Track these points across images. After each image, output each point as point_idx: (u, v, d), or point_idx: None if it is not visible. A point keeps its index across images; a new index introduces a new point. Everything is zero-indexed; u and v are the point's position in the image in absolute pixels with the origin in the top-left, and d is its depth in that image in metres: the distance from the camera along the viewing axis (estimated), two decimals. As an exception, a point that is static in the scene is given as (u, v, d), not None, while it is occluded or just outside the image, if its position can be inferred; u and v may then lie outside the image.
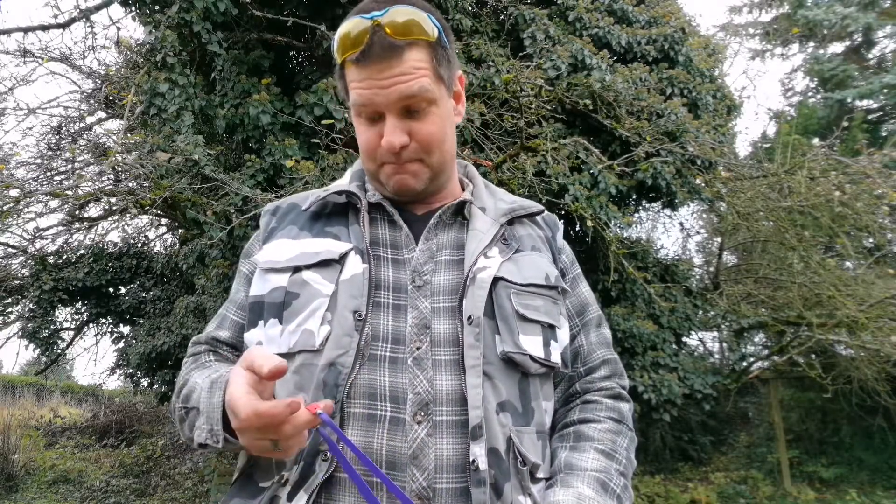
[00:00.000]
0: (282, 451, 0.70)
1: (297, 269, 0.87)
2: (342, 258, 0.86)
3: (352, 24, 0.84)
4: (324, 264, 0.86)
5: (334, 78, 0.95)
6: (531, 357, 0.84)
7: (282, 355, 0.81)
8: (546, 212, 1.04)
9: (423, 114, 0.87)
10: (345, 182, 0.97)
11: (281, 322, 0.85)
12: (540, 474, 0.85)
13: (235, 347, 0.96)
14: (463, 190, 1.01)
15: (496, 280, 0.86)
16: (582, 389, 0.98)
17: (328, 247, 0.88)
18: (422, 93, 0.84)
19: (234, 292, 1.00)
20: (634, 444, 0.95)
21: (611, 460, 0.88)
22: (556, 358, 0.89)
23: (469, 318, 0.82)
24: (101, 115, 7.22)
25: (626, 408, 0.98)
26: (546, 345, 0.87)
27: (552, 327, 0.89)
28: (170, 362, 7.08)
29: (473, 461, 0.76)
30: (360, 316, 0.82)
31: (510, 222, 0.96)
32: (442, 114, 0.89)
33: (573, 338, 0.99)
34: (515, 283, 0.88)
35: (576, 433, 0.92)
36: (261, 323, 0.88)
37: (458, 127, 0.99)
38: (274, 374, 0.67)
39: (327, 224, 0.93)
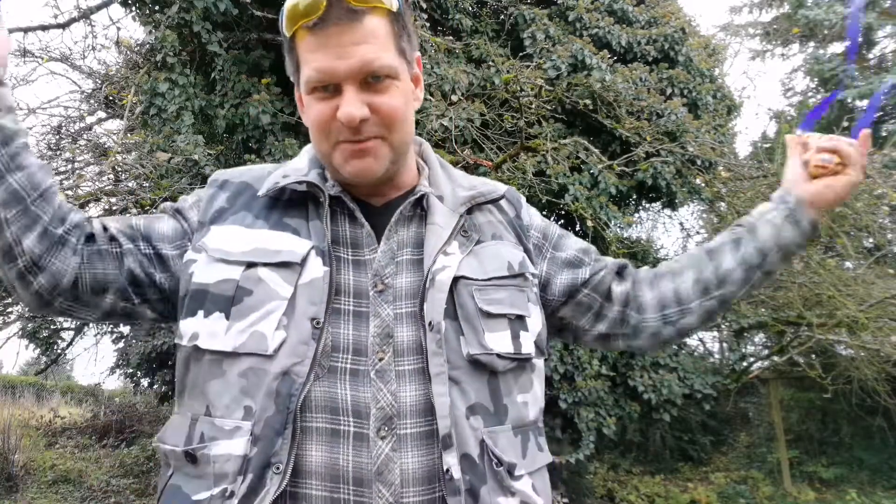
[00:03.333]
0: None
1: (252, 265, 0.80)
2: (303, 260, 0.80)
3: None
4: (283, 265, 0.80)
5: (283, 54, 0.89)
6: (498, 355, 0.82)
7: (224, 353, 0.77)
8: (507, 193, 0.98)
9: (385, 87, 0.81)
10: (303, 167, 0.89)
11: (228, 318, 0.78)
12: (520, 471, 0.82)
13: (113, 238, 0.87)
14: (419, 172, 0.95)
15: (456, 279, 0.83)
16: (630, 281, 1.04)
17: (288, 245, 0.82)
18: (384, 62, 0.80)
19: (153, 218, 0.91)
20: None
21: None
22: (527, 349, 0.86)
23: (430, 323, 0.79)
24: (101, 115, 7.21)
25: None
26: (515, 337, 0.85)
27: (520, 318, 0.87)
28: (170, 362, 7.08)
29: (447, 470, 0.75)
30: (317, 324, 0.77)
31: (469, 210, 0.91)
32: (404, 90, 0.84)
33: (595, 273, 1.00)
34: (477, 280, 0.85)
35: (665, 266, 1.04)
36: (201, 313, 0.80)
37: (457, 127, 0.97)
38: None
39: (285, 214, 0.85)
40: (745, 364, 7.62)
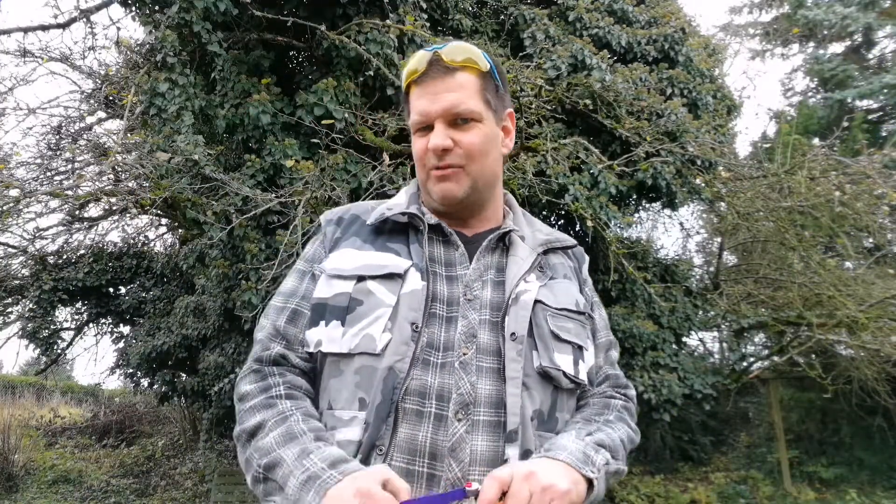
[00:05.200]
0: None
1: (361, 279, 0.98)
2: (405, 273, 0.98)
3: (418, 56, 1.03)
4: (388, 277, 0.98)
5: (400, 104, 1.06)
6: (564, 373, 0.97)
7: (341, 355, 0.95)
8: (577, 246, 1.18)
9: (469, 127, 1.01)
10: (403, 202, 1.09)
11: (343, 325, 0.96)
12: None
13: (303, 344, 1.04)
14: (504, 217, 1.14)
15: (535, 302, 0.99)
16: (580, 395, 1.10)
17: (392, 261, 1.00)
18: (468, 107, 1.00)
19: (295, 287, 1.06)
20: (625, 419, 1.06)
21: (590, 424, 1.01)
22: (583, 376, 1.02)
23: (512, 334, 0.95)
24: (101, 115, 7.21)
25: (617, 403, 1.09)
26: (576, 363, 1.00)
27: (581, 348, 1.02)
28: (170, 362, 7.08)
29: (507, 460, 0.88)
30: (416, 328, 0.94)
31: (545, 252, 1.09)
32: (486, 132, 1.03)
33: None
34: (551, 307, 1.01)
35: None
36: (322, 323, 0.98)
37: None
38: None
39: (389, 240, 1.04)
40: (745, 364, 7.61)
